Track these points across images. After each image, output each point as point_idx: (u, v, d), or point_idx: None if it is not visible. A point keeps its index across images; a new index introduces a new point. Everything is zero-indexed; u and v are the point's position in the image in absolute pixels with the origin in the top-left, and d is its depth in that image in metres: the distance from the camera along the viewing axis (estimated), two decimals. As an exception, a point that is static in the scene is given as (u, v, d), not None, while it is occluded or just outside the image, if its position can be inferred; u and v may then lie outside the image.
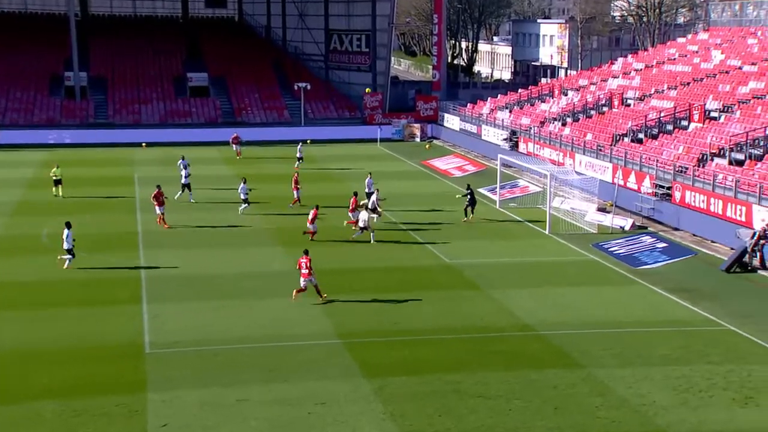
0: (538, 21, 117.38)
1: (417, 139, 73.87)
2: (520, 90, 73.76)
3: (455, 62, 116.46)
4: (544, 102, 67.09)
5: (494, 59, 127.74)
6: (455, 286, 32.38)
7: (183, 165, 49.36)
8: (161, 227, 40.68)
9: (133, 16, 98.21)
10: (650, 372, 24.01)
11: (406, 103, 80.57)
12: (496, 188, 48.41)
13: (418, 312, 29.29)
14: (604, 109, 59.20)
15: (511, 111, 67.47)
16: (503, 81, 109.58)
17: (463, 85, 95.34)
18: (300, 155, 59.11)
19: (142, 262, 35.11)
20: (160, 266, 34.49)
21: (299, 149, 59.84)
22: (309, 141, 60.22)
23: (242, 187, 44.08)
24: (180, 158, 51.37)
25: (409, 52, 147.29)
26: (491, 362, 24.74)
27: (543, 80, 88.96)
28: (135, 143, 68.75)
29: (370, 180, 45.57)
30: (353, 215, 40.15)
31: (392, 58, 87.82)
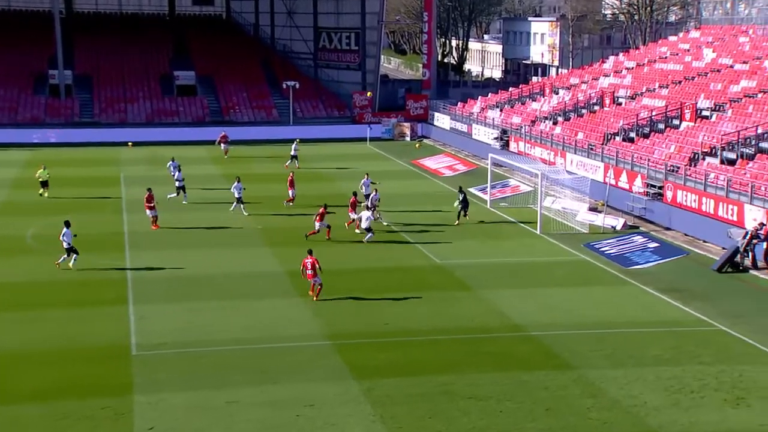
0: (529, 19, 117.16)
1: (407, 139, 73.60)
2: (511, 88, 73.56)
3: (445, 60, 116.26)
4: (535, 101, 66.93)
5: (485, 57, 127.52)
6: (446, 287, 32.16)
7: (174, 167, 48.85)
8: (153, 229, 40.25)
9: (119, 14, 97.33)
10: (642, 373, 23.87)
11: (396, 102, 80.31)
12: (487, 188, 48.18)
13: (409, 313, 29.05)
14: (596, 108, 59.06)
15: (502, 110, 67.28)
16: (494, 79, 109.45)
17: (454, 84, 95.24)
18: (295, 153, 58.22)
19: (129, 263, 34.77)
20: (147, 267, 34.16)
21: (294, 147, 58.80)
22: (298, 140, 59.90)
23: (236, 186, 43.65)
24: (170, 160, 50.92)
25: (399, 51, 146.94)
26: (482, 363, 24.55)
27: (534, 79, 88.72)
28: (121, 142, 68.19)
29: (368, 180, 45.19)
30: (353, 215, 39.98)
31: (382, 57, 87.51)
